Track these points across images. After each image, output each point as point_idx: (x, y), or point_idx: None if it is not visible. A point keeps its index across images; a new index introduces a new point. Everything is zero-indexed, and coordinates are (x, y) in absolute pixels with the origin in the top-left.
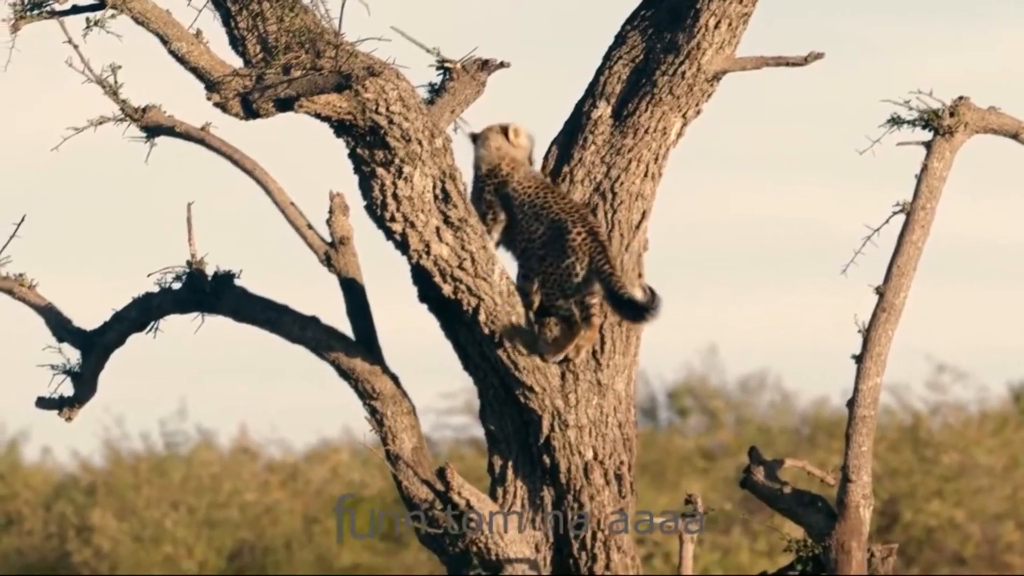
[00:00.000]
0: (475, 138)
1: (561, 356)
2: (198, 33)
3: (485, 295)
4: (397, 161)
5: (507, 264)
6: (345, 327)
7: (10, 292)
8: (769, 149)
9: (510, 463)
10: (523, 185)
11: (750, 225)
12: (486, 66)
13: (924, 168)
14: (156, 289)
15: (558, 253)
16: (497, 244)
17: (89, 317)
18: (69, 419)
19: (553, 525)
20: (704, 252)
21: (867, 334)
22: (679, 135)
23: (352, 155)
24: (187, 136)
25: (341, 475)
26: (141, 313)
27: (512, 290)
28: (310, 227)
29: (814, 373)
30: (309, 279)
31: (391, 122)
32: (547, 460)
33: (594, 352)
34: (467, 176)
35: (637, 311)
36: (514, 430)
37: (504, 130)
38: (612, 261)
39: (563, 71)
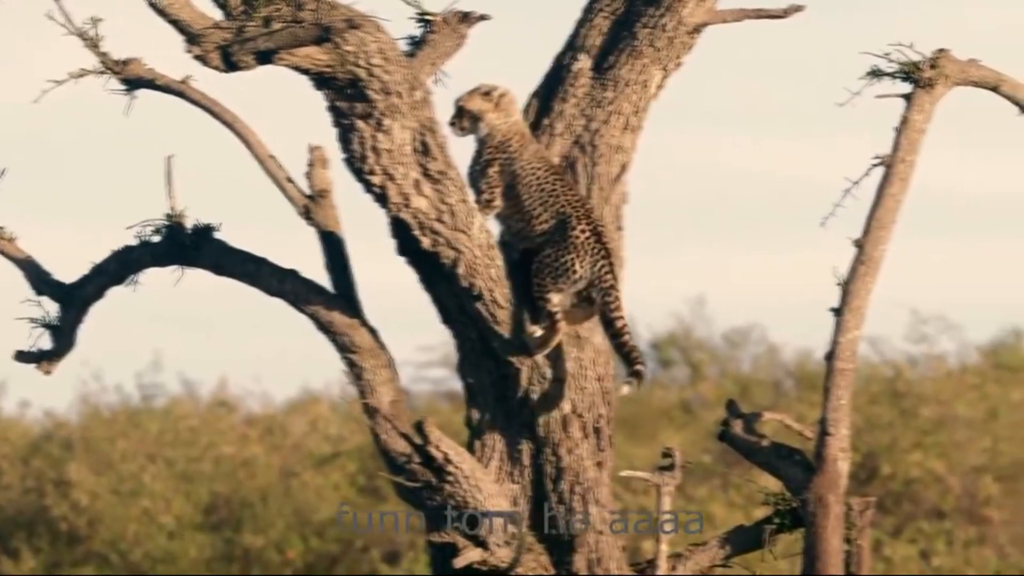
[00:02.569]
0: (499, 96)
1: (547, 350)
2: None
3: (464, 248)
4: (377, 114)
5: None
6: (324, 280)
7: None
8: (748, 102)
9: (488, 416)
10: (532, 165)
11: (732, 178)
12: (467, 18)
13: (904, 121)
14: (135, 242)
15: (559, 247)
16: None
17: (68, 270)
18: (48, 372)
19: (532, 478)
20: (691, 205)
21: (846, 287)
22: (659, 88)
23: (332, 108)
24: (167, 89)
25: (320, 429)
26: (120, 266)
27: (491, 243)
28: (290, 180)
29: (801, 326)
30: (288, 232)
31: (371, 75)
32: (525, 413)
33: (573, 305)
34: (448, 130)
35: (623, 352)
36: (492, 383)
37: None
38: (615, 271)
39: (543, 24)
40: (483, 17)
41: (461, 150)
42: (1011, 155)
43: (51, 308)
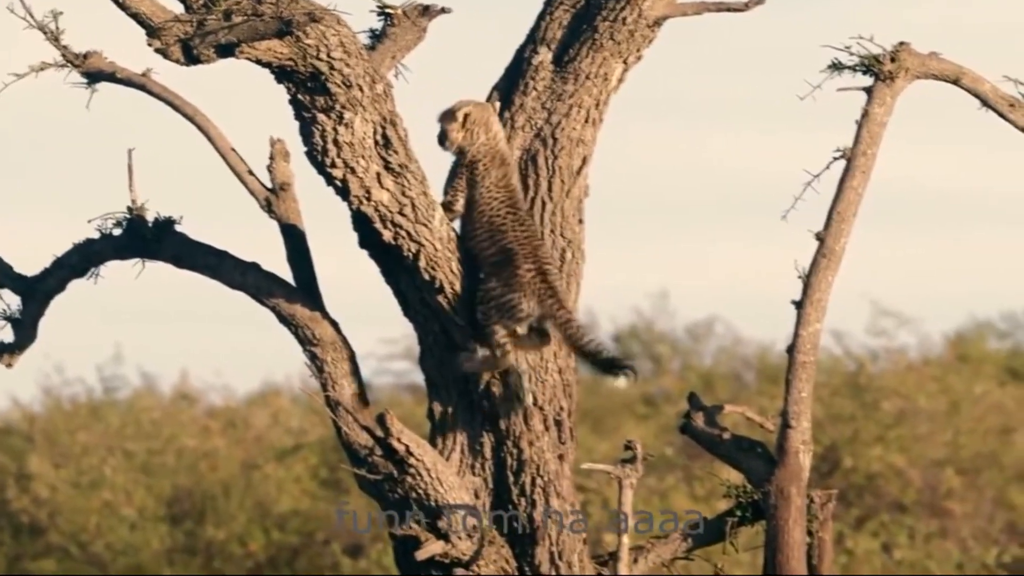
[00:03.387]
0: (463, 116)
1: (480, 376)
2: None
3: (426, 241)
4: (338, 107)
5: None
6: (286, 273)
7: None
8: (710, 96)
9: (450, 409)
10: (490, 194)
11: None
12: (427, 12)
13: (865, 114)
14: (97, 235)
15: (504, 283)
16: None
17: (30, 263)
18: (9, 365)
19: (493, 471)
20: (652, 199)
21: (807, 280)
22: (620, 81)
23: (293, 101)
24: (128, 82)
25: (282, 422)
26: (82, 259)
27: (452, 236)
28: (251, 173)
29: (763, 320)
30: (250, 225)
31: (332, 68)
32: (487, 406)
33: None
34: (408, 123)
35: (607, 364)
36: (454, 376)
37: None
38: (565, 304)
39: (504, 17)
40: (443, 10)
41: (423, 144)
42: (972, 149)
43: (12, 301)
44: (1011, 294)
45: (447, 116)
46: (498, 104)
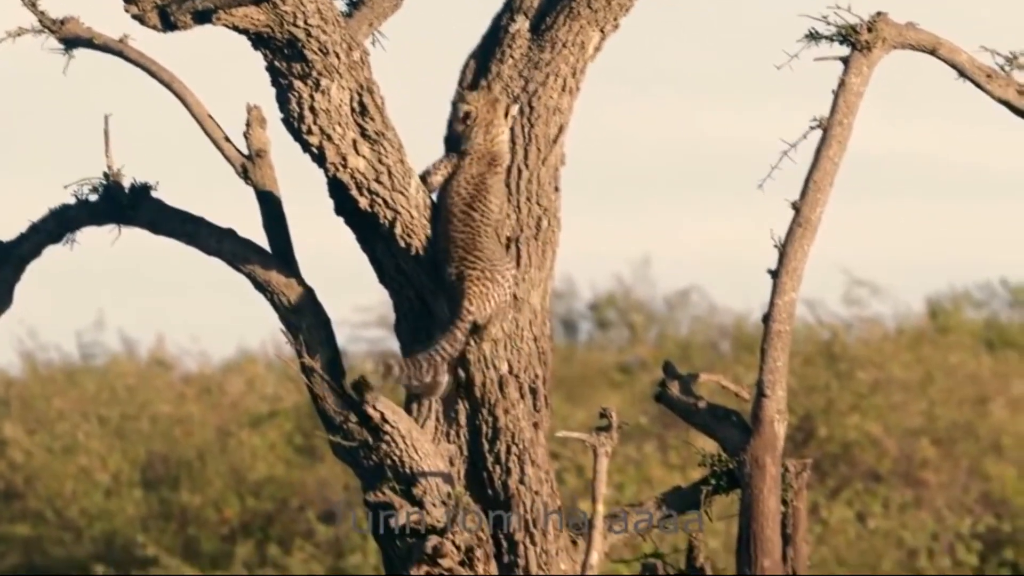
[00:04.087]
0: (464, 113)
1: (422, 394)
2: None
3: (402, 208)
4: (315, 74)
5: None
6: (262, 240)
7: None
8: (689, 65)
9: None
10: (459, 185)
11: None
12: None
13: (841, 83)
14: (73, 201)
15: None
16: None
17: (5, 228)
18: None
19: (468, 439)
20: (629, 167)
21: (783, 249)
22: (597, 50)
23: (270, 68)
24: (105, 48)
25: (257, 388)
26: (57, 225)
27: (428, 203)
28: (227, 139)
29: (740, 289)
30: (226, 192)
31: (309, 35)
32: (462, 374)
33: None
34: (384, 91)
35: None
36: (429, 343)
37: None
38: (463, 322)
39: None
40: None
41: (398, 111)
42: (948, 120)
43: None
44: (987, 264)
45: (455, 106)
46: (515, 107)
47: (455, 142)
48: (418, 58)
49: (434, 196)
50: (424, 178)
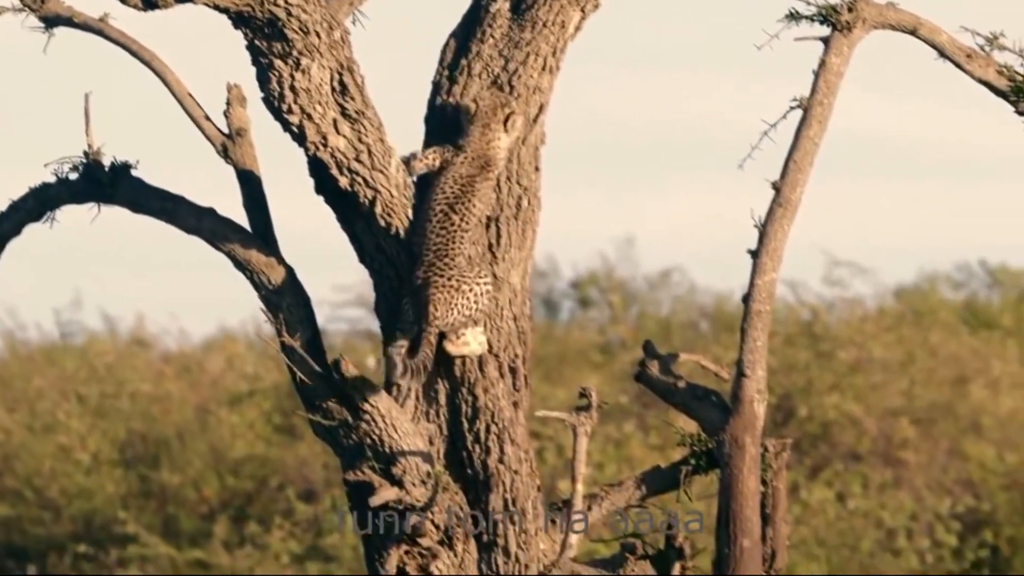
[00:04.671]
0: (464, 111)
1: (397, 391)
2: None
3: (382, 187)
4: (295, 53)
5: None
6: (242, 219)
7: None
8: (668, 44)
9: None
10: (447, 183)
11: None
12: None
13: (822, 63)
14: (53, 179)
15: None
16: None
17: None
18: None
19: (447, 418)
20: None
21: (763, 229)
22: (577, 29)
23: (250, 47)
24: (86, 27)
25: (236, 367)
26: (37, 203)
27: (408, 183)
28: (207, 118)
29: (720, 268)
30: (206, 171)
31: (289, 14)
32: (441, 352)
33: (490, 245)
34: (365, 70)
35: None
36: (409, 323)
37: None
38: (431, 322)
39: None
40: None
41: (379, 90)
42: (928, 100)
43: None
44: (966, 244)
45: (466, 106)
46: (519, 119)
47: (436, 123)
48: (398, 37)
49: (414, 178)
50: (408, 161)
